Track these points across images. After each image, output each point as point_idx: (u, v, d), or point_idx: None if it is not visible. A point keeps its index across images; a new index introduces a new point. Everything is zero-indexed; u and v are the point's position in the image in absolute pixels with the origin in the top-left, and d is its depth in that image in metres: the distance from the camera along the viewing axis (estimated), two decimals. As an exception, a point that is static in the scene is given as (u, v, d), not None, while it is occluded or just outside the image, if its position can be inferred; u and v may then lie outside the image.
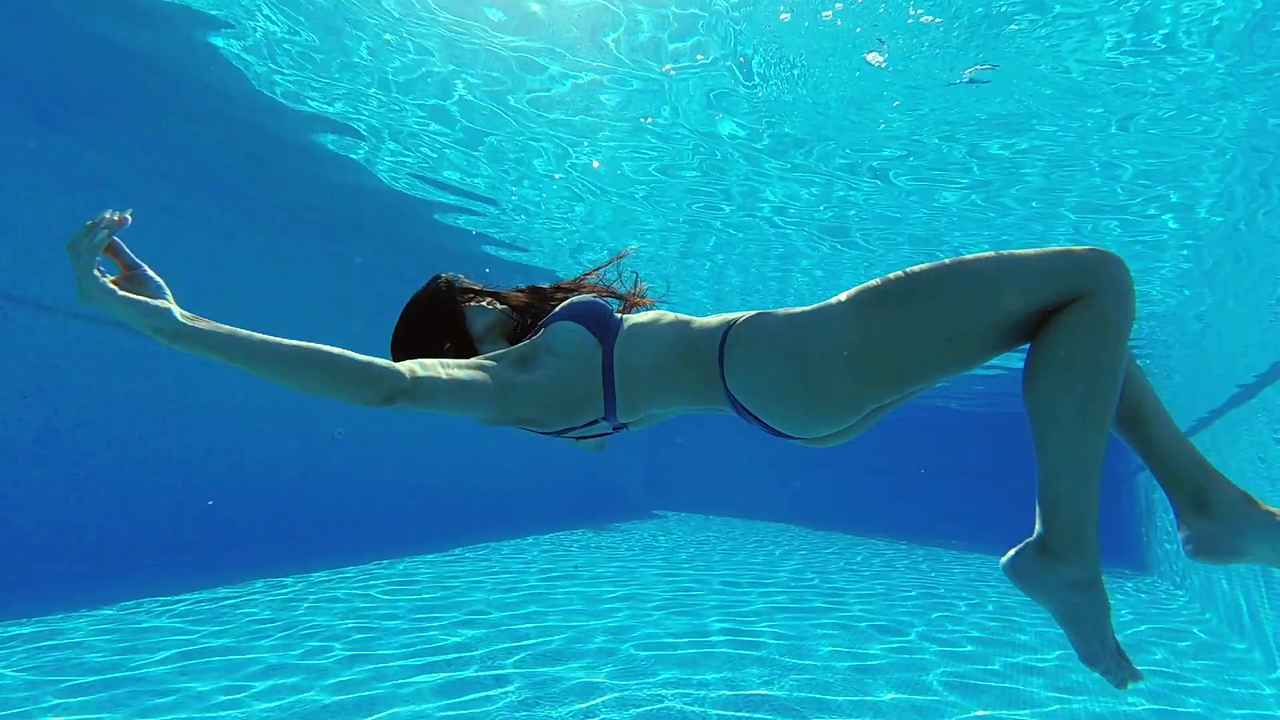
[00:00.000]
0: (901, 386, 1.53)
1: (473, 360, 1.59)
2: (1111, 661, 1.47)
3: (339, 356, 1.28)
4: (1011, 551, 1.50)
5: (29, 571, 8.03)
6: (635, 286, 2.03)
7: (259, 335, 1.22)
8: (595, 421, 1.74)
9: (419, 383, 1.37)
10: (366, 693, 4.41)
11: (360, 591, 7.84)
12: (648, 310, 1.88)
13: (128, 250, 1.18)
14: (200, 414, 10.26)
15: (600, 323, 1.74)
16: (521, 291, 1.98)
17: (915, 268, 1.51)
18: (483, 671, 4.92)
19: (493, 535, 13.90)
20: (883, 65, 5.25)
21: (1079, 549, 1.40)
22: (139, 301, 1.13)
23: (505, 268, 11.54)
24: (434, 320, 1.88)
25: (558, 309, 1.81)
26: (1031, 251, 1.47)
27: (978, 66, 5.15)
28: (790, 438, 1.67)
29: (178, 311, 1.17)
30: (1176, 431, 1.52)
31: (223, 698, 4.23)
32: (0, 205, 8.10)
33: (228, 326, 1.21)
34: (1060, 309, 1.43)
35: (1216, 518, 1.44)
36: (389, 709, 4.15)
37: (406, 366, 1.38)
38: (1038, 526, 1.46)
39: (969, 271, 1.47)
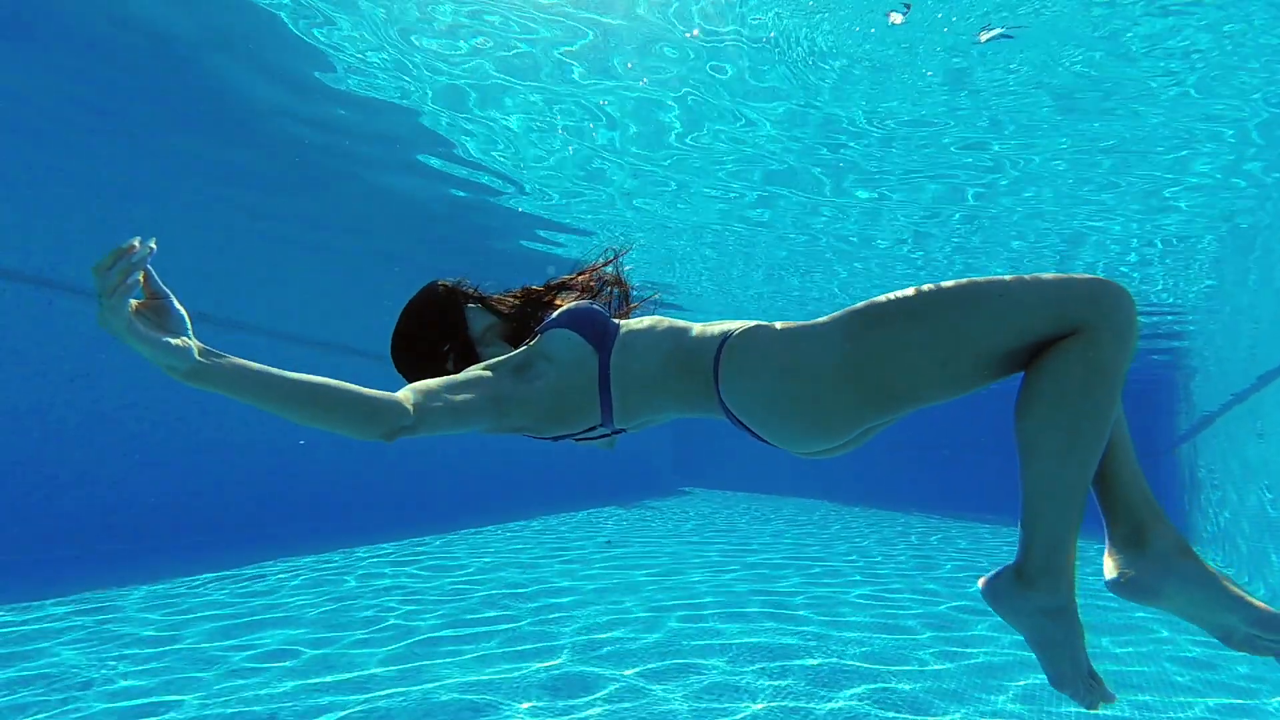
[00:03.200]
0: (894, 408, 1.52)
1: (468, 374, 1.58)
2: (1082, 684, 1.50)
3: (344, 396, 1.30)
4: (990, 575, 1.54)
5: (80, 549, 8.32)
6: (628, 288, 2.01)
7: (269, 373, 1.24)
8: (593, 428, 1.75)
9: (420, 418, 1.39)
10: (415, 660, 4.52)
11: (405, 566, 8.01)
12: (644, 316, 1.86)
13: (157, 278, 1.14)
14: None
15: (596, 330, 1.74)
16: (513, 295, 1.99)
17: (914, 289, 1.50)
18: (528, 644, 5.02)
19: (523, 514, 14.07)
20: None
21: (1050, 577, 1.43)
22: (159, 341, 1.11)
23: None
24: (434, 325, 1.89)
25: (554, 315, 1.80)
26: (1033, 278, 1.45)
27: (997, 30, 5.02)
28: (782, 449, 1.68)
29: (195, 349, 1.16)
30: (1136, 466, 1.52)
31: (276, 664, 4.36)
32: (42, 192, 8.29)
33: (240, 363, 1.22)
34: (1058, 339, 1.42)
35: (1149, 556, 1.43)
36: (441, 676, 4.25)
37: (407, 400, 1.39)
38: (1018, 551, 1.49)
39: (967, 298, 1.46)
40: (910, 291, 1.50)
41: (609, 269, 2.02)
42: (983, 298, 1.45)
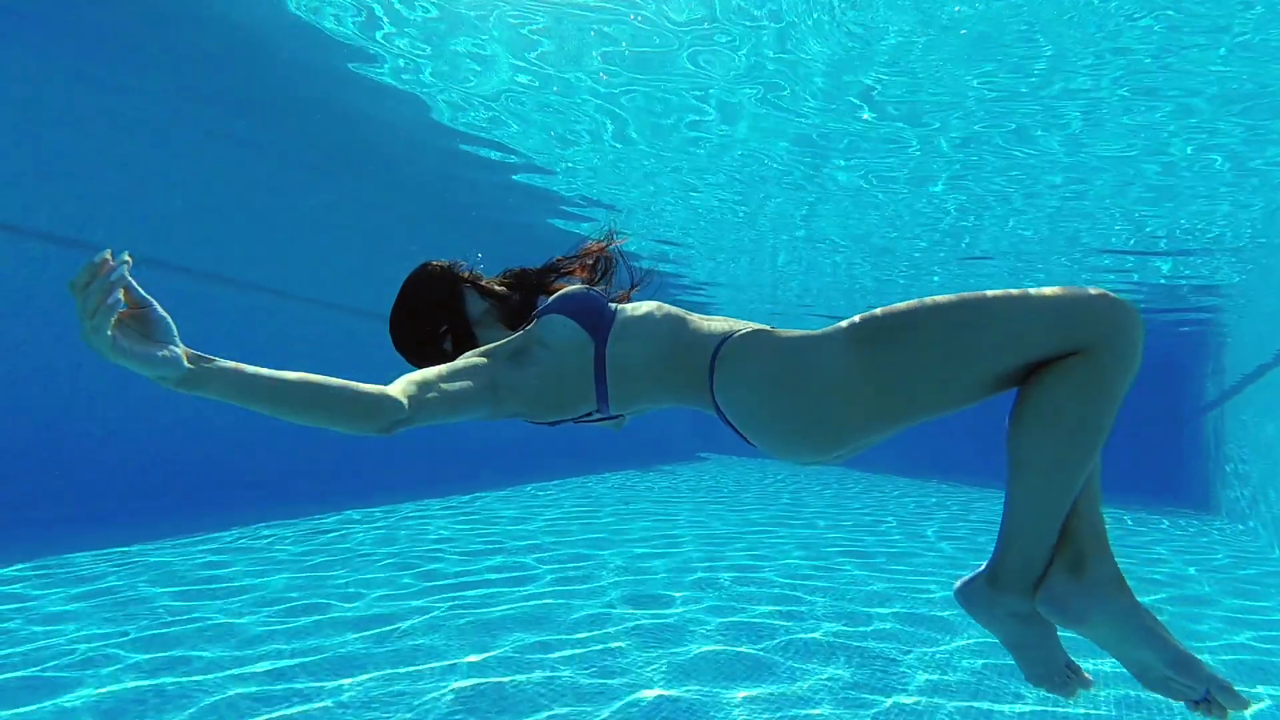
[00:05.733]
0: (889, 426, 1.52)
1: (464, 362, 1.58)
2: (1059, 679, 1.55)
3: (337, 394, 1.30)
4: (964, 579, 1.58)
5: (108, 506, 8.55)
6: (616, 262, 1.99)
7: (260, 375, 1.23)
8: (589, 414, 1.76)
9: (415, 410, 1.39)
10: (447, 601, 4.64)
11: (442, 523, 8.19)
12: (642, 302, 1.83)
13: (138, 287, 1.11)
14: (274, 357, 10.62)
15: (592, 316, 1.72)
16: (508, 277, 1.98)
17: (914, 305, 1.48)
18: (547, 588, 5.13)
19: (544, 475, 14.23)
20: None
21: (1021, 585, 1.47)
22: (145, 355, 1.09)
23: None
24: (429, 306, 1.88)
25: (551, 300, 1.79)
26: (1037, 294, 1.41)
27: None
28: (768, 456, 1.68)
29: (184, 356, 1.14)
30: (1097, 494, 1.52)
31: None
32: (72, 154, 8.35)
33: (230, 367, 1.20)
34: (1059, 357, 1.40)
35: (1085, 583, 1.44)
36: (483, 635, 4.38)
37: (402, 392, 1.39)
38: (992, 556, 1.52)
39: (969, 317, 1.43)
40: (910, 308, 1.48)
41: (608, 251, 1.99)
42: (986, 317, 1.42)
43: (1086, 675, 1.57)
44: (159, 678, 3.61)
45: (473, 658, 4.04)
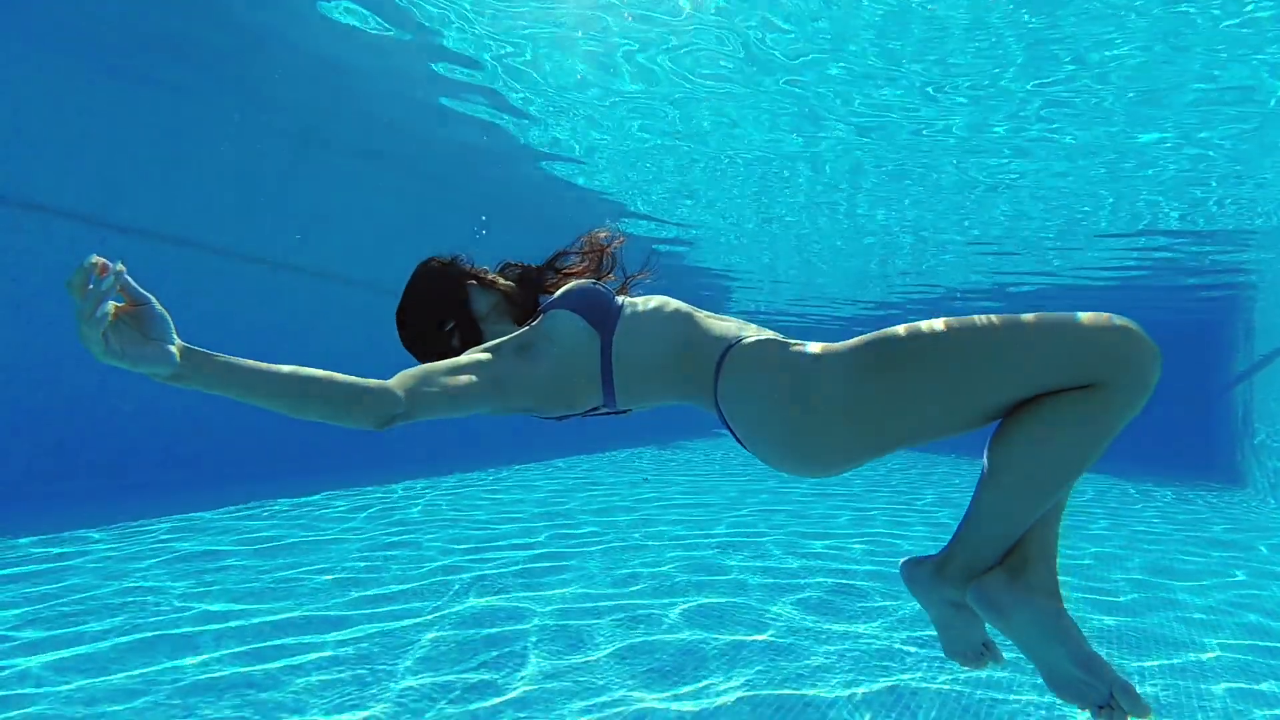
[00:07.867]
0: (888, 448, 1.52)
1: (468, 357, 1.57)
2: (973, 654, 1.65)
3: (332, 387, 1.29)
4: (913, 559, 1.65)
5: (145, 477, 8.75)
6: (622, 264, 1.98)
7: (254, 369, 1.24)
8: (596, 408, 1.75)
9: (414, 404, 1.38)
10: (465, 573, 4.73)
11: (481, 493, 8.33)
12: (650, 296, 1.81)
13: (135, 285, 1.13)
14: (295, 334, 10.75)
15: (599, 312, 1.72)
16: (514, 272, 1.98)
17: (926, 329, 1.44)
18: (555, 562, 5.21)
19: (563, 452, 14.33)
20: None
21: (964, 579, 1.53)
22: (137, 355, 1.12)
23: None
24: (434, 303, 1.88)
25: (557, 295, 1.79)
26: (1054, 323, 1.35)
27: None
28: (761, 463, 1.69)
29: (176, 353, 1.16)
30: (1057, 514, 1.51)
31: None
32: (89, 130, 8.43)
33: (223, 362, 1.22)
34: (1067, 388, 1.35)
35: (1019, 584, 1.47)
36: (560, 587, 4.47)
37: (400, 386, 1.38)
38: (946, 547, 1.56)
39: (982, 347, 1.39)
40: (922, 332, 1.45)
41: (610, 248, 1.98)
42: (999, 348, 1.38)
43: (999, 652, 1.65)
44: (200, 626, 3.74)
45: (534, 607, 4.27)
